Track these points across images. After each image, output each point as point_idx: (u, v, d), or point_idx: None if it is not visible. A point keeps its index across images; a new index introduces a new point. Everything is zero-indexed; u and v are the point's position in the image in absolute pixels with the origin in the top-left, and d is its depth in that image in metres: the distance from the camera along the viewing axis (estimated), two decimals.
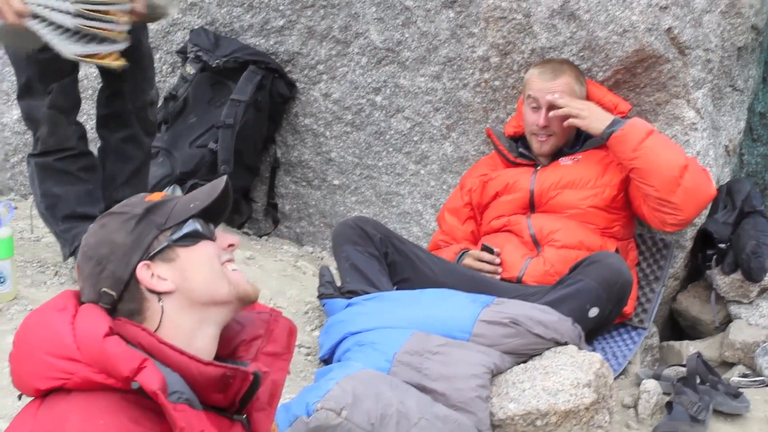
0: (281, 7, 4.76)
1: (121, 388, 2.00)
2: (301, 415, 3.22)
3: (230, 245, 2.19)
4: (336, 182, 4.90)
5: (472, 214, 4.33)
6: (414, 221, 4.78)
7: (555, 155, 4.21)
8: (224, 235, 2.21)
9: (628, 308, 4.15)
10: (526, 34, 4.31)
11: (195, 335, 2.13)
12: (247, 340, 2.26)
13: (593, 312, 3.75)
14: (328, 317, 3.90)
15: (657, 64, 4.18)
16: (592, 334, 3.77)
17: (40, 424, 2.04)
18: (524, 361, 3.62)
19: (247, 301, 2.20)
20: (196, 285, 2.13)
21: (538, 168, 4.22)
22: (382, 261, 4.05)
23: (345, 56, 4.71)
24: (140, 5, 3.50)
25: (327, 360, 3.76)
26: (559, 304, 3.72)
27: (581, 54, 4.23)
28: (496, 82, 4.45)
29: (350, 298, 3.89)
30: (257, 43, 4.84)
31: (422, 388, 3.43)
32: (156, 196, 2.20)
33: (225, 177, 2.22)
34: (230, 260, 2.20)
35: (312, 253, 4.81)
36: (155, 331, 2.10)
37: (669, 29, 4.13)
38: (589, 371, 3.51)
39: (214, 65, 4.74)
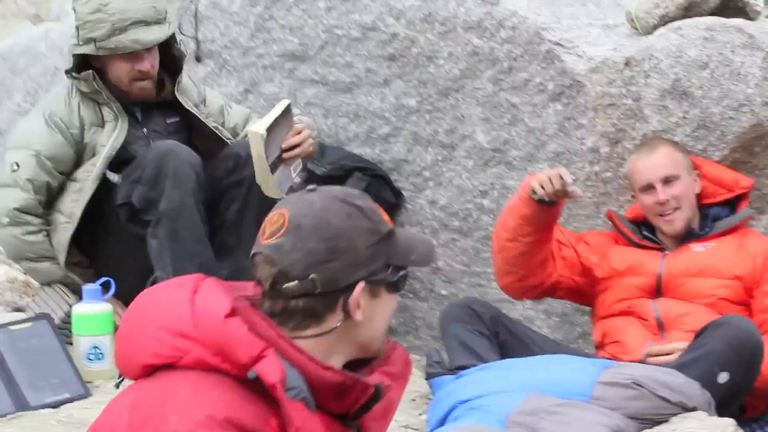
0: (386, 114, 4.75)
1: (236, 375, 1.86)
2: None
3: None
4: (444, 292, 4.74)
5: (571, 253, 4.08)
6: None
7: (684, 239, 3.99)
8: None
9: (760, 402, 3.83)
10: (637, 119, 4.21)
11: (332, 357, 1.97)
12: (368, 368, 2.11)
13: (723, 377, 3.46)
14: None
15: None
16: (724, 406, 3.44)
17: (144, 394, 1.91)
18: (649, 428, 3.32)
19: (376, 356, 2.07)
20: (371, 329, 1.99)
21: (667, 252, 4.00)
22: (492, 340, 3.84)
23: (451, 161, 4.65)
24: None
25: None
26: (684, 368, 3.46)
27: (695, 134, 4.11)
28: (607, 174, 4.32)
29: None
30: (363, 152, 4.81)
31: None
32: (389, 221, 2.04)
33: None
34: None
35: (420, 361, 4.59)
36: (306, 338, 1.95)
37: None
38: None
39: (320, 173, 4.70)
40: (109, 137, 4.05)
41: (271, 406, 1.84)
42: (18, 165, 4.02)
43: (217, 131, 4.25)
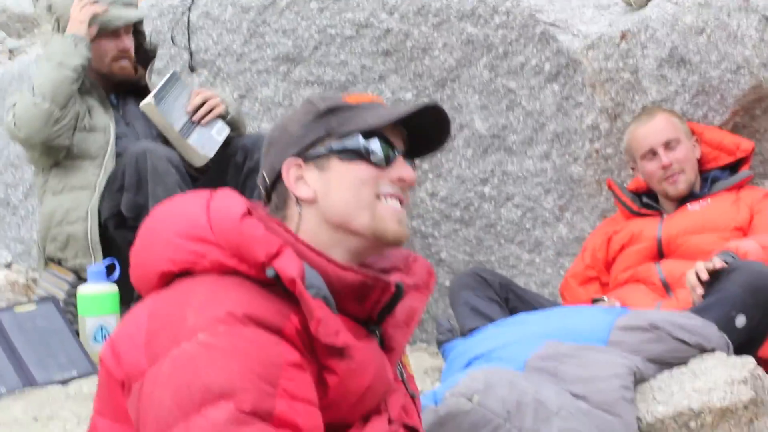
0: None
1: (254, 276, 1.84)
2: (430, 405, 2.92)
3: (400, 179, 1.99)
4: (448, 284, 4.69)
5: (594, 275, 4.09)
6: None
7: (682, 201, 4.00)
8: (403, 166, 2.01)
9: None
10: (636, 92, 4.23)
11: (329, 253, 1.93)
12: (386, 269, 2.08)
13: (740, 321, 3.41)
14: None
15: None
16: (742, 351, 3.39)
17: (161, 301, 1.88)
18: (668, 370, 3.27)
19: (384, 242, 1.98)
20: (333, 203, 1.97)
21: (665, 216, 4.00)
22: (503, 306, 3.80)
23: (450, 151, 4.64)
24: None
25: None
26: (701, 312, 3.41)
27: (695, 100, 4.12)
28: (608, 150, 4.33)
29: None
30: None
31: None
32: (357, 98, 2.06)
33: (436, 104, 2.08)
34: (394, 195, 1.99)
35: (426, 349, 4.53)
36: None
37: None
38: (744, 369, 3.17)
39: None
40: (102, 119, 4.14)
41: (291, 304, 1.82)
42: (15, 103, 4.06)
43: None
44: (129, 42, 4.26)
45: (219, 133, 4.16)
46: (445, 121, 2.07)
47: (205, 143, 4.10)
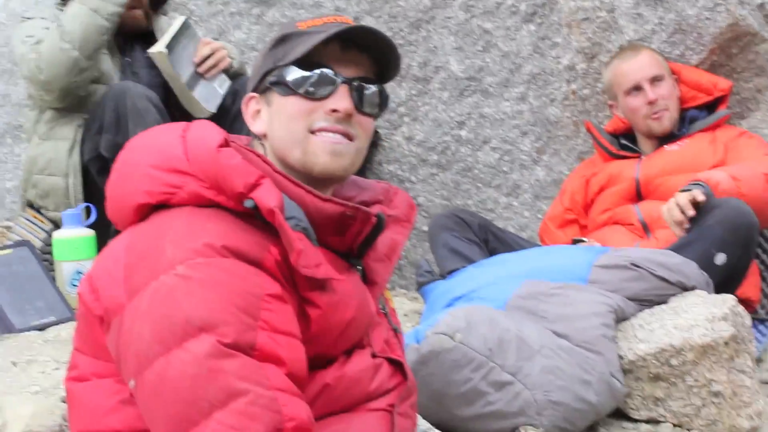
0: None
1: (232, 208, 1.79)
2: (412, 343, 2.91)
3: (333, 110, 1.91)
4: (425, 228, 4.66)
5: (573, 218, 4.08)
6: None
7: (660, 142, 3.99)
8: (341, 98, 1.91)
9: (754, 296, 3.80)
10: (612, 31, 4.20)
11: None
12: (367, 201, 2.05)
13: (720, 258, 3.42)
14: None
15: (753, 43, 4.04)
16: (722, 289, 3.39)
17: (138, 234, 1.84)
18: (649, 308, 3.27)
19: (313, 176, 1.91)
20: (275, 139, 1.95)
21: (643, 157, 3.99)
22: (482, 246, 3.79)
23: (426, 94, 4.60)
24: None
25: None
26: (681, 250, 3.41)
27: (672, 39, 4.10)
28: (585, 91, 4.30)
29: None
30: None
31: None
32: (310, 23, 1.96)
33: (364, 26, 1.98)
34: (330, 129, 1.91)
35: (406, 294, 4.51)
36: None
37: (762, 5, 4.00)
38: (724, 306, 3.17)
39: None
40: (107, 67, 4.02)
41: (270, 236, 1.78)
42: (31, 36, 3.89)
43: None
44: None
45: (221, 86, 4.06)
46: (384, 42, 1.95)
47: (209, 97, 4.00)
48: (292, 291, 1.79)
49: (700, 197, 3.44)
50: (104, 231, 3.49)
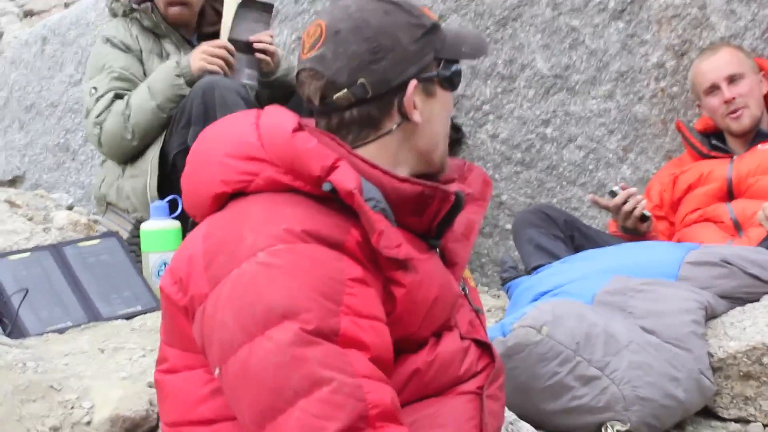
0: None
1: (310, 192, 1.78)
2: (498, 336, 2.88)
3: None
4: (509, 227, 4.63)
5: (662, 215, 4.02)
6: None
7: (752, 141, 3.91)
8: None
9: None
10: (703, 28, 4.14)
11: (393, 169, 1.88)
12: (442, 181, 2.01)
13: None
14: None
15: None
16: None
17: (217, 223, 1.83)
18: (740, 306, 3.21)
19: (441, 173, 1.99)
20: (430, 133, 1.93)
21: (735, 157, 3.92)
22: (568, 243, 3.74)
23: (511, 92, 4.57)
24: None
25: None
26: None
27: (766, 36, 4.03)
28: (674, 88, 4.24)
29: None
30: None
31: None
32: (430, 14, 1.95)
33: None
34: None
35: (488, 291, 4.48)
36: (361, 146, 1.88)
37: None
38: None
39: None
40: None
41: (349, 218, 1.76)
42: (96, 88, 4.00)
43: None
44: None
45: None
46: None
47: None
48: (375, 272, 1.77)
49: None
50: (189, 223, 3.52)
